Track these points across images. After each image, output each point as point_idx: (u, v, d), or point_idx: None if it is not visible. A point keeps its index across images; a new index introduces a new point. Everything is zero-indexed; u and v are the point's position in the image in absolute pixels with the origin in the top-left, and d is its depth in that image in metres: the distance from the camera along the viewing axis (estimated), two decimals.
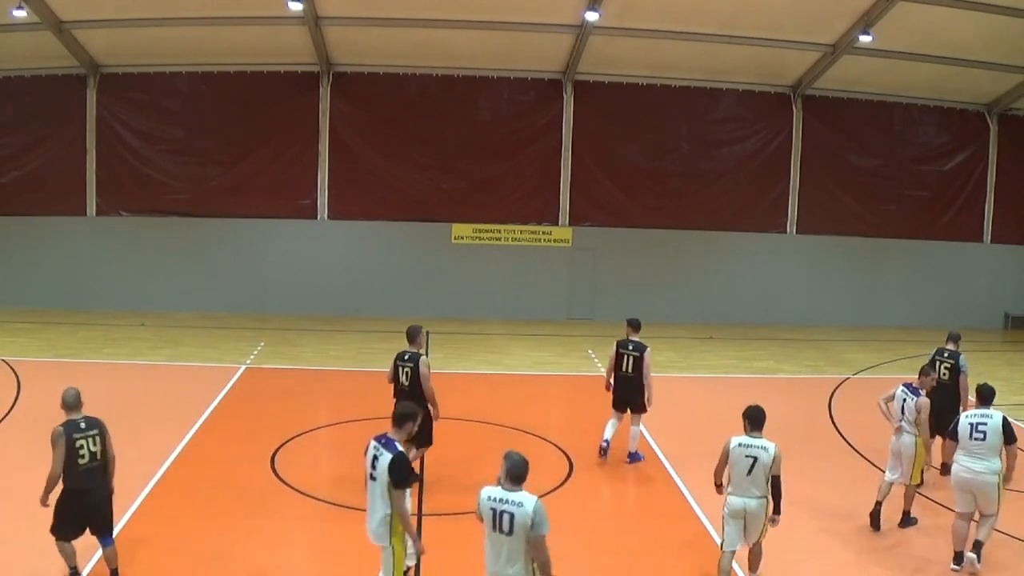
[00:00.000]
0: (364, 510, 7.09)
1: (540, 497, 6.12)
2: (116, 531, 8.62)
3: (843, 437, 13.08)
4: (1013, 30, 19.65)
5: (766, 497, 7.67)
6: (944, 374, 11.21)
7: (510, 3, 19.81)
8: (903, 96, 24.08)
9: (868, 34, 19.49)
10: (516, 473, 6.22)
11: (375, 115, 23.23)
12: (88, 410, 7.70)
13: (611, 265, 23.98)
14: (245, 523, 9.14)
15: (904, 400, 9.74)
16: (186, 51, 21.70)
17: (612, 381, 11.63)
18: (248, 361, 17.16)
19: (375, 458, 6.87)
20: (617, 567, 8.56)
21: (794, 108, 23.99)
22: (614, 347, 11.60)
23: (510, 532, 6.13)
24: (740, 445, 7.72)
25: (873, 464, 11.72)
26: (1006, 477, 8.56)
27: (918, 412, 9.54)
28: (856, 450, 12.38)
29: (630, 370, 11.43)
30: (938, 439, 10.01)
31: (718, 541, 8.94)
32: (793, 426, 13.73)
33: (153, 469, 10.45)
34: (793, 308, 24.40)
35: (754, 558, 8.05)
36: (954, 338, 11.61)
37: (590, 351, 19.35)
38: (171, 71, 22.55)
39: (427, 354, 10.38)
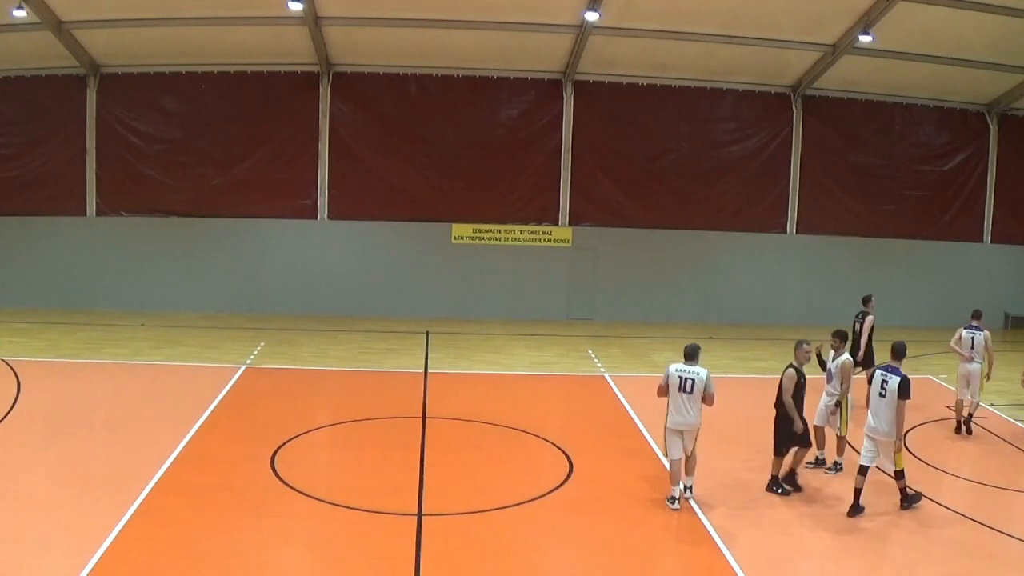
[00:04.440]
0: (365, 510, 8.90)
1: (539, 497, 6.17)
2: (116, 531, 8.66)
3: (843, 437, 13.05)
4: (1013, 30, 19.63)
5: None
6: None
7: (510, 3, 19.79)
8: (903, 96, 24.07)
9: (868, 34, 19.46)
10: (692, 352, 10.05)
11: (375, 115, 23.22)
12: (88, 410, 7.71)
13: (611, 265, 23.96)
14: (245, 523, 9.14)
15: (972, 337, 13.40)
16: (186, 51, 21.68)
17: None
18: (248, 361, 17.16)
19: (884, 381, 9.81)
20: (617, 566, 8.56)
21: (794, 108, 23.98)
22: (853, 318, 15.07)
23: (691, 392, 9.80)
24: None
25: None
26: None
27: (985, 342, 13.25)
28: (856, 450, 12.35)
29: (858, 332, 14.79)
30: None
31: (717, 539, 8.99)
32: None
33: (153, 469, 10.44)
34: (793, 308, 24.37)
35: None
36: None
37: (590, 351, 19.35)
38: (171, 71, 22.52)
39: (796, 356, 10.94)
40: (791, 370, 10.43)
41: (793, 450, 10.63)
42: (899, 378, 9.74)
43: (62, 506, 9.32)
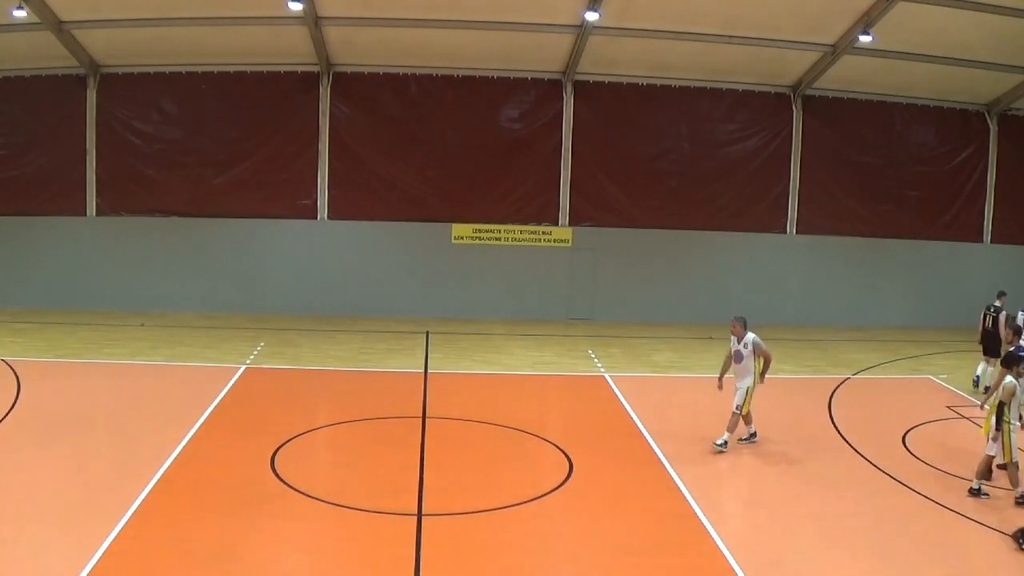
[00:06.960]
0: (365, 510, 9.03)
1: (539, 497, 6.18)
2: (116, 531, 8.65)
3: (843, 437, 13.08)
4: (1013, 30, 19.63)
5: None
6: None
7: (510, 3, 19.79)
8: (903, 96, 24.06)
9: (868, 34, 19.46)
10: (744, 321, 12.11)
11: (375, 115, 23.22)
12: (88, 410, 7.70)
13: (611, 265, 23.95)
14: (245, 523, 9.14)
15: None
16: (186, 51, 21.68)
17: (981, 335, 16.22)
18: (248, 361, 17.16)
19: None
20: (617, 567, 8.56)
21: (794, 108, 23.98)
22: (983, 311, 16.42)
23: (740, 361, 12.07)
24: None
25: (873, 464, 11.72)
26: None
27: None
28: (856, 450, 12.38)
29: (991, 326, 16.01)
30: None
31: (717, 539, 9.00)
32: (793, 426, 13.75)
33: (153, 469, 10.44)
34: (793, 308, 24.37)
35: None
36: None
37: (590, 351, 19.35)
38: (171, 71, 22.52)
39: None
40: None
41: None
42: None
43: (62, 506, 9.32)
